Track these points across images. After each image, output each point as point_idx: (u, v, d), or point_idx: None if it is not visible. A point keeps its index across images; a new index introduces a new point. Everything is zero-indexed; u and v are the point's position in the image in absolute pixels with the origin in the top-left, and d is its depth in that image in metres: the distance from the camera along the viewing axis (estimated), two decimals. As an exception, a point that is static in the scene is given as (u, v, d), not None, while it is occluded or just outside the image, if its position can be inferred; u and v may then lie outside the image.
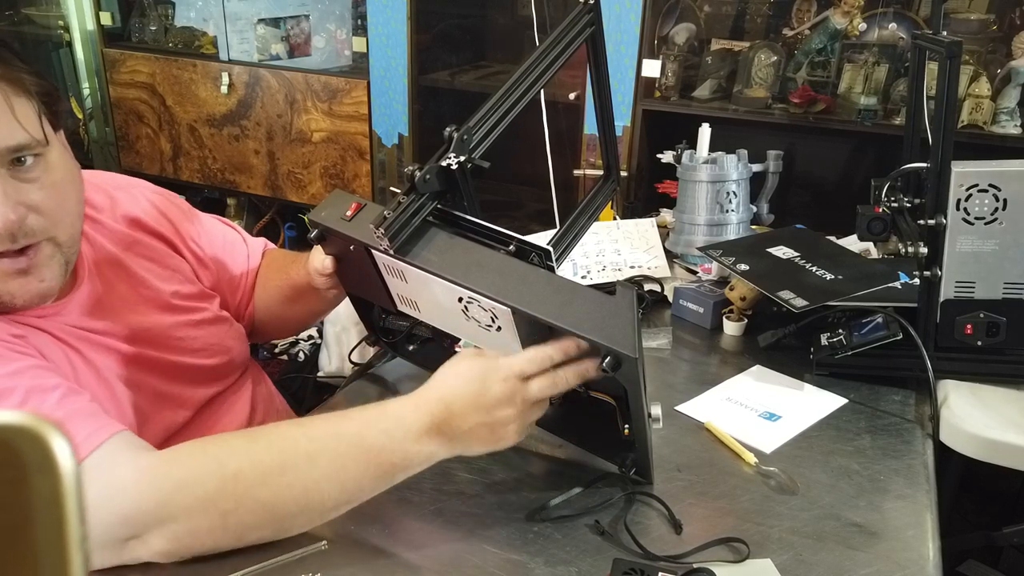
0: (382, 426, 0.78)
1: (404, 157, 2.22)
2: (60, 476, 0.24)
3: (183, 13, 2.50)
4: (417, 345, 1.09)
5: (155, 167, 2.62)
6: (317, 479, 0.76)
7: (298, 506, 0.76)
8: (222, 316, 1.06)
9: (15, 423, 0.24)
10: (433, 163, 0.86)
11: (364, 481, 0.77)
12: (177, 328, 0.97)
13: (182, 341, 0.97)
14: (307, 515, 0.77)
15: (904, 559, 0.81)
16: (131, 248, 0.98)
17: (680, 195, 1.53)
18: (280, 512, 0.76)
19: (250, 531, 0.76)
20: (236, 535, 0.75)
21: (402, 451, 0.77)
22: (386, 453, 0.77)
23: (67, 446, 0.24)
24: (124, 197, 1.02)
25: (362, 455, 0.77)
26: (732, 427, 1.02)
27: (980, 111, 1.63)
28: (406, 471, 0.79)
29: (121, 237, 0.98)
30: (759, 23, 1.93)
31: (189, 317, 1.00)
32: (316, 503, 0.76)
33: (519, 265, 0.81)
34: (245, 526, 0.75)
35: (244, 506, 0.74)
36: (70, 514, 0.24)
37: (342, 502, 0.78)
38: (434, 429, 0.78)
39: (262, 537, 0.77)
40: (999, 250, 1.08)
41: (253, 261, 1.14)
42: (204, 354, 1.00)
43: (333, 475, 0.76)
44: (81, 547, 0.24)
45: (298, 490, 0.75)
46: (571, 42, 0.99)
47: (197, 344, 0.99)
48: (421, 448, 0.78)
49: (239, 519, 0.74)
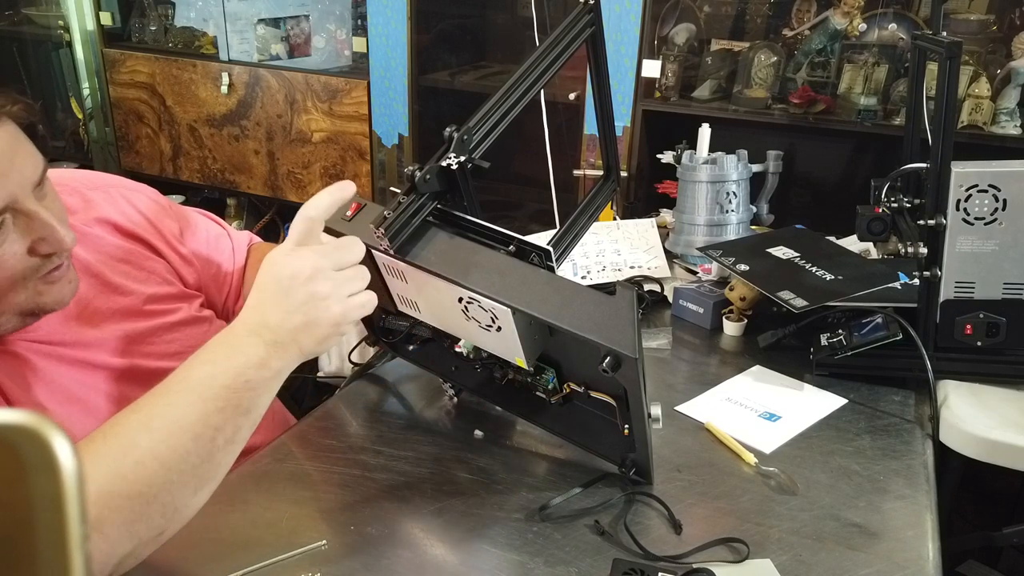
0: (204, 357, 0.74)
1: (404, 157, 2.22)
2: (60, 476, 0.24)
3: (183, 13, 2.50)
4: (417, 345, 1.09)
5: (155, 167, 2.61)
6: (160, 439, 0.69)
7: (160, 475, 0.69)
8: (201, 316, 1.04)
9: (15, 423, 0.24)
10: (433, 163, 0.86)
11: (211, 417, 0.71)
12: (151, 333, 0.96)
13: (156, 346, 0.96)
14: (178, 479, 0.70)
15: (904, 559, 0.81)
16: (105, 252, 0.96)
17: (680, 195, 1.53)
18: (148, 493, 0.68)
19: (136, 529, 0.69)
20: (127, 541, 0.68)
21: (232, 370, 0.73)
22: (216, 379, 0.72)
23: (68, 446, 0.24)
24: (99, 198, 0.99)
25: (194, 394, 0.72)
26: (732, 427, 1.02)
27: (980, 111, 1.63)
28: (251, 391, 0.73)
29: (94, 241, 0.95)
30: (759, 23, 1.93)
31: (164, 320, 0.98)
32: (175, 463, 0.69)
33: (519, 265, 0.81)
34: (127, 527, 0.68)
35: (110, 508, 0.67)
36: (70, 514, 0.24)
37: (205, 450, 0.71)
38: (253, 334, 0.74)
39: (156, 528, 0.70)
40: (999, 250, 1.08)
41: (239, 256, 1.13)
42: (182, 357, 0.96)
43: (174, 427, 0.70)
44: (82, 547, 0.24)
45: (150, 461, 0.69)
46: (571, 42, 0.99)
47: (173, 347, 0.97)
48: (249, 358, 0.73)
49: (114, 526, 0.67)
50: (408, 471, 0.93)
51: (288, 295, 0.75)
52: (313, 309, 0.76)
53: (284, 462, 0.94)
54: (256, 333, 0.75)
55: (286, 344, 0.75)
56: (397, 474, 0.93)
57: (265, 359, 0.74)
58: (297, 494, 0.89)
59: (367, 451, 0.98)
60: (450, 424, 1.04)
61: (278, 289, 0.76)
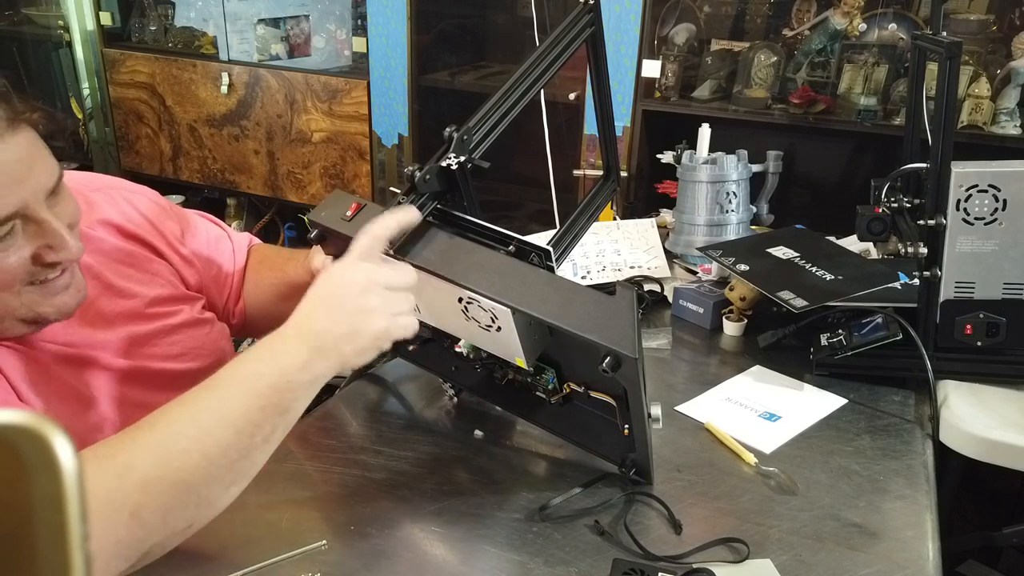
0: (252, 356, 0.77)
1: (404, 157, 2.22)
2: (61, 476, 0.24)
3: (183, 13, 2.50)
4: (417, 345, 1.09)
5: (155, 167, 2.62)
6: (206, 431, 0.72)
7: (202, 467, 0.71)
8: (203, 318, 1.04)
9: (15, 423, 0.24)
10: (433, 163, 0.86)
11: (253, 414, 0.74)
12: (154, 335, 0.96)
13: (159, 348, 0.96)
14: (216, 473, 0.72)
15: (904, 559, 0.81)
16: (108, 255, 0.96)
17: (680, 195, 1.53)
18: (189, 482, 0.71)
19: (171, 518, 0.71)
20: (160, 530, 0.70)
21: (277, 370, 0.75)
22: (263, 378, 0.75)
23: (68, 446, 0.24)
24: (101, 200, 0.99)
25: (239, 389, 0.74)
26: (732, 427, 1.02)
27: (980, 111, 1.63)
28: (291, 392, 0.76)
29: (97, 244, 0.95)
30: (759, 23, 1.93)
31: (166, 322, 0.98)
32: (217, 456, 0.72)
33: (519, 265, 0.81)
34: (163, 515, 0.70)
35: (150, 494, 0.69)
36: (71, 514, 0.24)
37: (244, 446, 0.74)
38: (299, 338, 0.77)
39: (188, 519, 0.72)
40: (999, 250, 1.08)
41: (239, 258, 1.13)
42: (185, 358, 0.98)
43: (219, 420, 0.73)
44: (82, 547, 0.24)
45: (195, 451, 0.71)
46: (571, 42, 0.99)
47: (176, 349, 0.98)
48: (293, 360, 0.76)
49: (152, 512, 0.69)
50: (408, 471, 0.93)
51: (340, 303, 0.79)
52: (360, 320, 0.79)
53: (284, 462, 0.94)
54: (302, 338, 0.78)
55: (328, 351, 0.77)
56: (397, 474, 0.93)
57: (307, 363, 0.76)
58: (297, 494, 0.89)
59: (367, 451, 0.98)
60: (450, 424, 1.04)
61: (332, 296, 0.79)
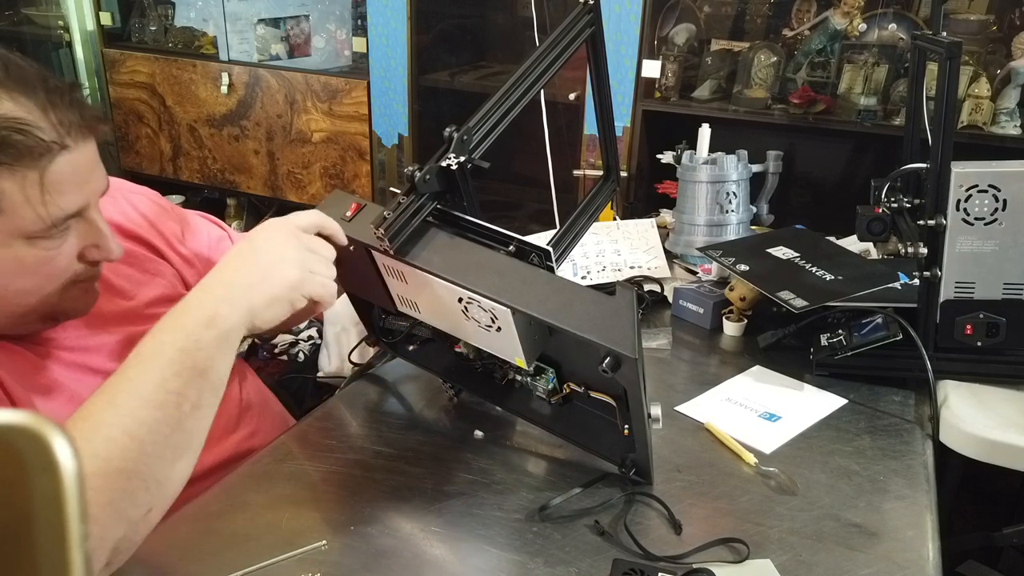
0: (158, 326, 0.76)
1: (404, 157, 2.22)
2: (60, 476, 0.24)
3: (183, 13, 2.50)
4: (417, 345, 1.09)
5: (155, 167, 2.62)
6: (126, 413, 0.71)
7: (133, 450, 0.69)
8: None
9: (15, 423, 0.24)
10: (433, 163, 0.86)
11: (169, 383, 0.72)
12: None
13: None
14: (153, 451, 0.71)
15: (904, 559, 0.81)
16: None
17: (680, 195, 1.53)
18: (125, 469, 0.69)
19: (123, 508, 0.69)
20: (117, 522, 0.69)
21: (183, 333, 0.74)
22: (168, 345, 0.73)
23: (68, 446, 0.24)
24: (104, 201, 0.99)
25: (149, 363, 0.73)
26: (732, 427, 1.02)
27: (980, 112, 1.63)
28: (202, 351, 0.74)
29: None
30: (759, 23, 1.93)
31: None
32: (145, 435, 0.70)
33: (519, 265, 0.81)
34: (112, 507, 0.68)
35: (90, 491, 0.65)
36: (71, 514, 0.24)
37: (172, 418, 0.72)
38: (205, 291, 0.77)
39: (143, 504, 0.71)
40: (999, 250, 1.08)
41: None
42: None
43: (137, 399, 0.71)
44: (82, 547, 0.24)
45: (120, 437, 0.69)
46: (571, 42, 0.99)
47: None
48: (197, 316, 0.75)
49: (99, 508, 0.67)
50: (408, 471, 0.93)
51: (255, 254, 0.80)
52: (272, 267, 0.79)
53: (284, 462, 0.94)
54: (207, 290, 0.78)
55: (235, 300, 0.77)
56: (397, 474, 0.93)
57: (212, 317, 0.76)
58: (297, 494, 0.89)
59: (367, 451, 0.98)
60: (450, 424, 1.04)
61: (249, 248, 0.81)
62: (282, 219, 0.84)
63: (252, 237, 0.82)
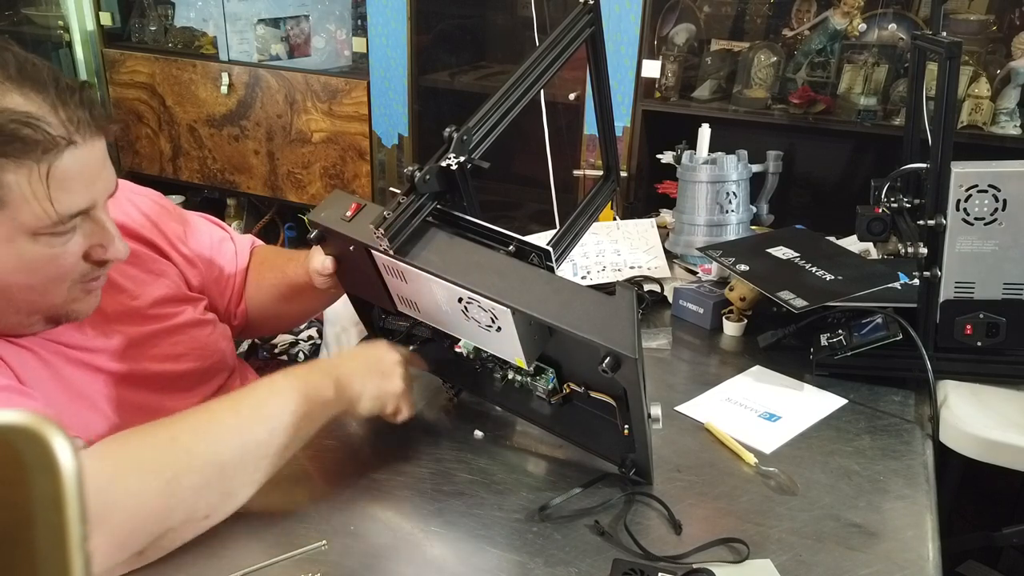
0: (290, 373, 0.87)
1: (404, 157, 2.22)
2: (61, 476, 0.24)
3: (183, 13, 2.50)
4: (417, 345, 1.09)
5: (155, 167, 2.62)
6: (246, 422, 0.80)
7: (238, 452, 0.78)
8: (205, 319, 1.04)
9: (15, 423, 0.24)
10: (433, 163, 0.86)
11: (286, 417, 0.82)
12: (156, 336, 0.97)
13: (161, 348, 0.97)
14: (248, 461, 0.79)
15: (904, 559, 0.81)
16: None
17: (680, 195, 1.53)
18: (225, 464, 0.77)
19: (201, 496, 0.76)
20: (186, 507, 0.75)
21: (311, 384, 0.86)
22: (299, 390, 0.84)
23: (68, 446, 0.24)
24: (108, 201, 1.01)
25: (277, 394, 0.83)
26: (732, 427, 1.02)
27: (980, 112, 1.63)
28: (322, 406, 0.86)
29: None
30: (759, 23, 1.93)
31: (169, 323, 0.99)
32: (252, 446, 0.79)
33: (519, 265, 0.81)
34: (195, 491, 0.76)
35: (190, 467, 0.75)
36: (71, 514, 0.24)
37: (275, 444, 0.81)
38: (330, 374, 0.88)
39: (212, 505, 0.77)
40: (999, 250, 1.08)
41: (242, 259, 1.14)
42: (186, 359, 0.99)
43: (258, 416, 0.81)
44: (82, 547, 0.24)
45: (234, 436, 0.79)
46: (571, 42, 0.99)
47: (178, 349, 0.98)
48: (320, 383, 0.86)
49: (187, 484, 0.75)
50: (408, 471, 0.93)
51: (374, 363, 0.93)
52: (384, 375, 0.92)
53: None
54: (330, 374, 0.89)
55: (347, 389, 0.89)
56: (397, 474, 0.93)
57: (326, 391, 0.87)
58: (297, 494, 0.89)
59: (367, 451, 0.98)
60: (450, 424, 1.04)
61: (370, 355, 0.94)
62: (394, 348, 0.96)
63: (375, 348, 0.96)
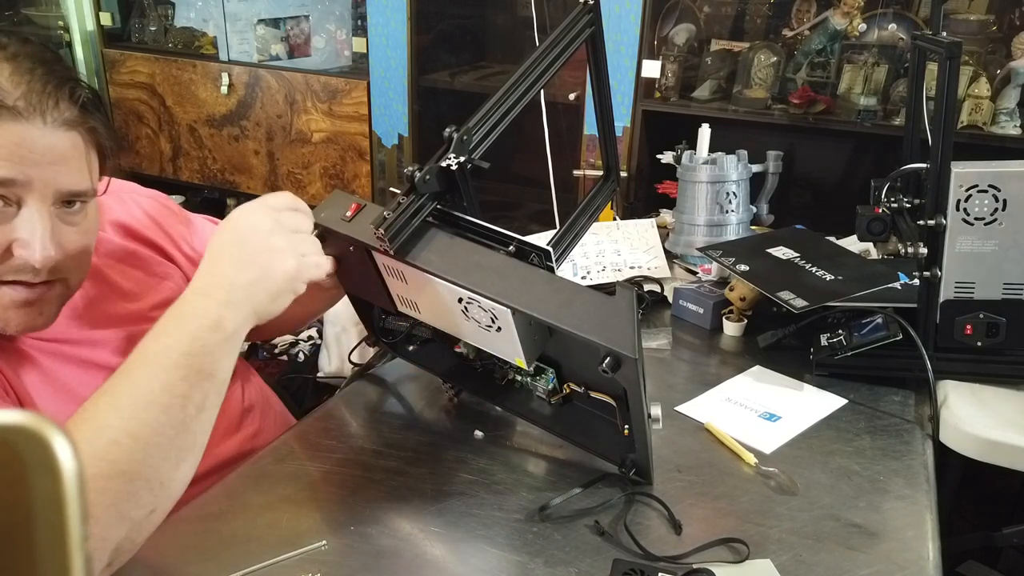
0: (160, 328, 0.75)
1: (404, 157, 2.22)
2: (61, 476, 0.24)
3: (183, 13, 2.50)
4: (417, 345, 1.09)
5: (155, 167, 2.62)
6: (130, 416, 0.70)
7: (138, 452, 0.69)
8: None
9: (15, 423, 0.24)
10: (433, 163, 0.86)
11: (176, 387, 0.72)
12: None
13: None
14: (157, 454, 0.71)
15: (904, 560, 0.81)
16: (118, 258, 0.97)
17: (680, 196, 1.53)
18: (129, 471, 0.69)
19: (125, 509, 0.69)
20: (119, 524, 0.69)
21: (187, 337, 0.74)
22: (173, 350, 0.73)
23: (68, 446, 0.24)
24: (113, 203, 1.00)
25: (153, 367, 0.73)
26: (732, 427, 1.02)
27: (980, 112, 1.63)
28: (209, 355, 0.74)
29: (106, 245, 0.96)
30: (759, 24, 1.93)
31: None
32: (150, 437, 0.70)
33: (519, 265, 0.81)
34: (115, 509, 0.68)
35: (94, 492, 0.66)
36: (71, 514, 0.24)
37: (177, 421, 0.72)
38: (205, 296, 0.76)
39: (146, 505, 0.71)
40: (999, 250, 1.08)
41: None
42: None
43: (141, 402, 0.71)
44: (82, 548, 0.24)
45: (125, 440, 0.69)
46: (571, 42, 0.99)
47: None
48: (202, 321, 0.74)
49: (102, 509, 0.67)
50: (408, 471, 0.93)
51: (243, 246, 0.78)
52: (268, 261, 0.78)
53: (284, 462, 0.94)
54: (207, 295, 0.76)
55: (239, 303, 0.76)
56: (397, 474, 0.93)
57: (218, 320, 0.75)
58: (297, 494, 0.89)
59: (367, 451, 0.98)
60: (450, 424, 1.04)
61: (234, 241, 0.78)
62: (256, 203, 0.81)
63: (234, 227, 0.79)
